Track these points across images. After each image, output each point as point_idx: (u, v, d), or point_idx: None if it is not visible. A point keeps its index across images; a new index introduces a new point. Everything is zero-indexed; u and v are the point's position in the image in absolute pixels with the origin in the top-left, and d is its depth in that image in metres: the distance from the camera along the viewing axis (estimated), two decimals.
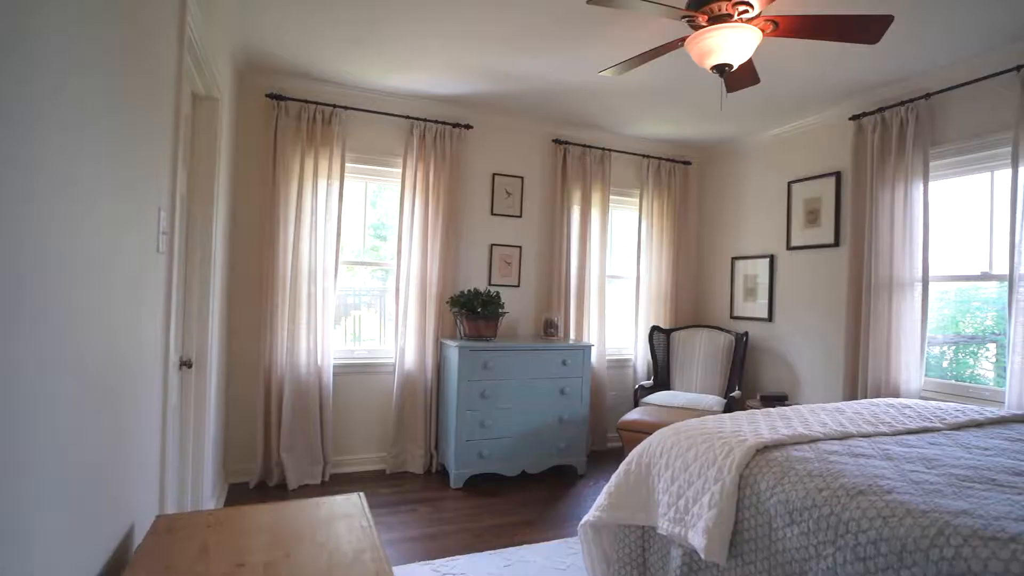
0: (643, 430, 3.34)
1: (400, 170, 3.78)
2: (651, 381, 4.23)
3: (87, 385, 1.03)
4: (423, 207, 3.77)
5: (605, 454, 4.25)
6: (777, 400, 3.75)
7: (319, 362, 3.49)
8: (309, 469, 3.46)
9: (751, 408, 3.81)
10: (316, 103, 3.47)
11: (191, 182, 2.29)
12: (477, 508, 3.16)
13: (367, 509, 1.54)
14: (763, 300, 4.16)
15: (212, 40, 2.24)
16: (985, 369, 3.15)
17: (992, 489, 1.42)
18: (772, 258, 4.12)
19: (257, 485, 3.37)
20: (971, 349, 3.23)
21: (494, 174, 4.09)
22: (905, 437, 1.94)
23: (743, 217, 4.43)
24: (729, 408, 3.68)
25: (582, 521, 2.12)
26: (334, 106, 3.51)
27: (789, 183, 3.99)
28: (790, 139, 4.04)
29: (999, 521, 1.21)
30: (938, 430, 2.06)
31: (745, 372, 4.26)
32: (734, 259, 4.46)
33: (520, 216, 4.17)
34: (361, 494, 1.64)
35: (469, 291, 3.65)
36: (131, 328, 1.32)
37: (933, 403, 2.49)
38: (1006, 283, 2.70)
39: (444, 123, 3.80)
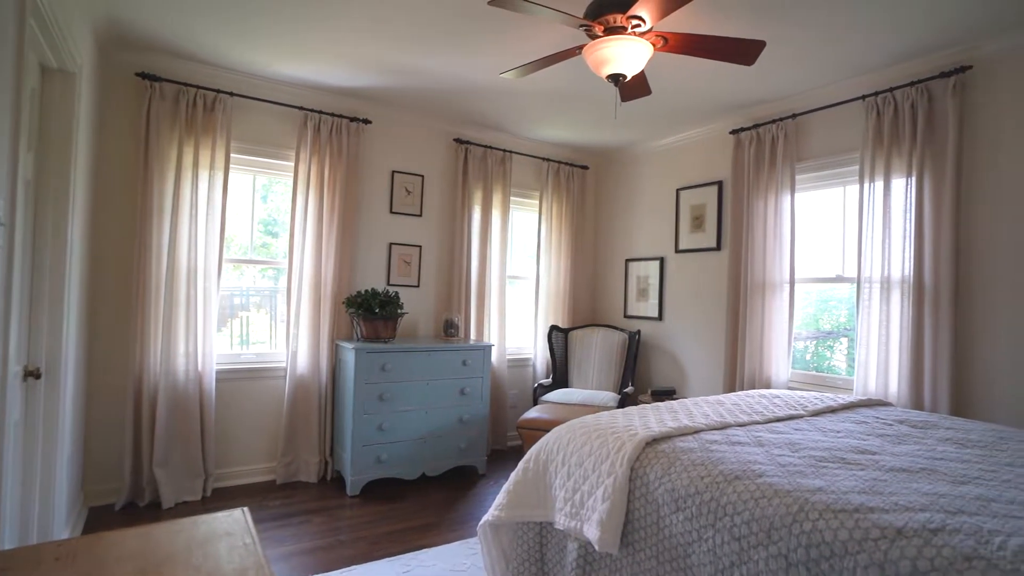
0: (542, 428, 3.41)
1: (293, 163, 3.57)
2: (550, 379, 4.33)
3: None
4: (318, 203, 3.59)
5: (506, 453, 4.29)
6: (666, 394, 3.98)
7: (200, 368, 3.21)
8: (187, 484, 3.17)
9: (643, 403, 4.03)
10: (197, 86, 3.19)
11: (40, 166, 2.02)
12: (375, 515, 3.06)
13: (252, 524, 1.43)
14: (654, 300, 4.41)
15: (65, 5, 1.99)
16: (839, 361, 3.55)
17: (842, 467, 1.59)
18: (662, 260, 4.37)
19: (125, 506, 3.04)
20: (828, 343, 3.62)
21: (393, 171, 3.99)
22: (774, 424, 2.12)
23: (636, 221, 4.66)
24: (623, 403, 3.86)
25: (481, 521, 2.12)
26: (218, 91, 3.25)
27: (678, 190, 4.25)
28: (679, 149, 4.31)
29: (847, 495, 1.35)
30: (801, 417, 2.28)
31: (638, 368, 4.49)
32: (628, 261, 4.68)
33: (420, 215, 4.11)
34: (245, 509, 1.52)
35: (366, 291, 3.53)
36: None
37: (798, 392, 2.76)
38: (855, 284, 3.06)
39: (341, 116, 3.65)
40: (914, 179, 2.82)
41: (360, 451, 3.32)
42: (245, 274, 3.73)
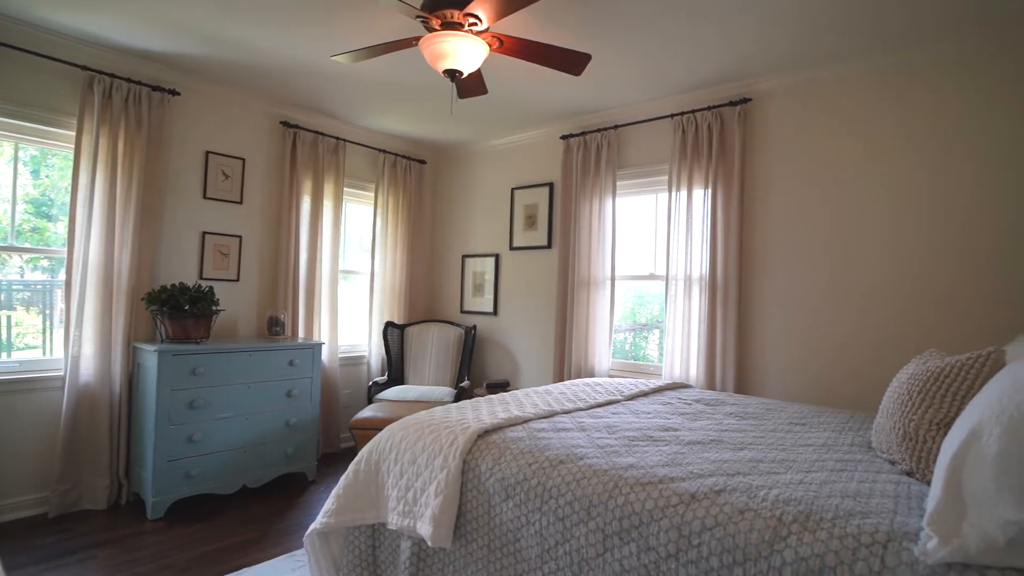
0: (376, 427, 3.31)
1: (74, 133, 3.00)
2: (385, 377, 4.22)
3: None
4: (109, 182, 3.07)
5: (338, 456, 4.09)
6: (500, 387, 4.11)
7: None
8: None
9: (478, 396, 4.11)
10: None
11: None
12: (184, 538, 2.71)
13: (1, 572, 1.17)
14: (489, 296, 4.52)
15: None
16: (652, 350, 3.97)
17: (651, 444, 1.77)
18: (497, 257, 4.50)
19: None
20: (644, 334, 4.03)
21: (208, 152, 3.56)
22: (596, 410, 2.29)
23: (473, 217, 4.74)
24: (459, 398, 3.90)
25: (308, 530, 1.98)
26: None
27: (512, 189, 4.41)
28: (514, 149, 4.47)
29: (653, 469, 1.51)
30: (619, 401, 2.49)
31: (473, 363, 4.58)
32: (464, 257, 4.74)
33: (240, 202, 3.72)
34: None
35: (173, 286, 3.11)
36: None
37: (617, 380, 3.02)
38: (664, 282, 3.44)
39: (141, 84, 3.15)
40: (710, 190, 3.25)
41: (164, 467, 2.91)
42: (7, 264, 3.06)
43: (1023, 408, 1.01)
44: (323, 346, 3.84)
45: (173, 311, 3.06)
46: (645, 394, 2.69)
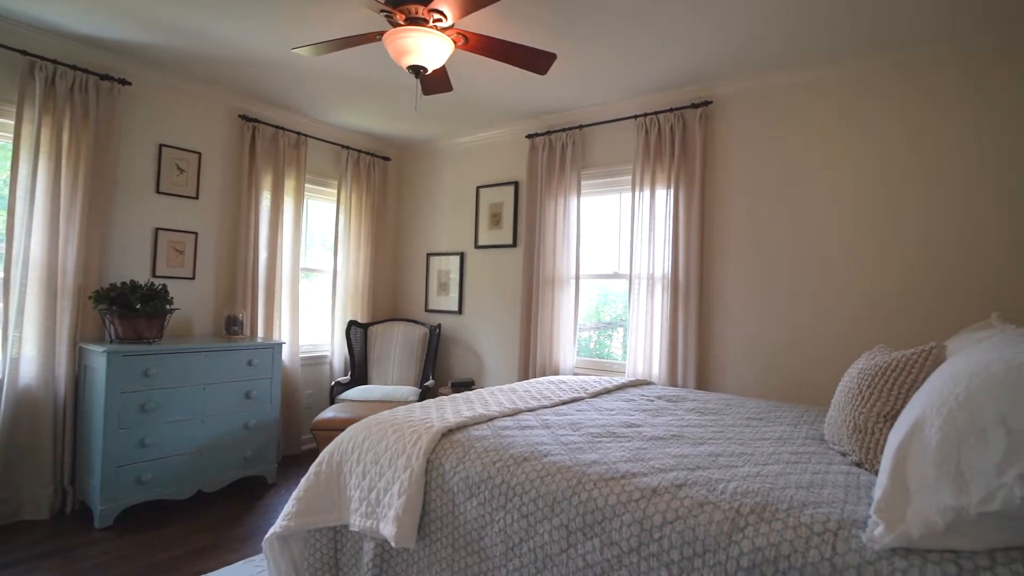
0: (338, 427, 3.26)
1: (12, 121, 2.84)
2: (348, 377, 4.15)
3: None
4: (53, 174, 2.92)
5: (299, 457, 4.01)
6: (465, 386, 4.09)
7: None
8: None
9: (442, 395, 4.08)
10: None
11: None
12: (134, 546, 2.60)
13: None
14: (454, 294, 4.50)
15: None
16: (616, 348, 4.02)
17: (614, 440, 1.80)
18: (462, 255, 4.49)
19: None
20: (608, 332, 4.08)
21: (162, 145, 3.43)
22: (560, 407, 2.31)
23: (438, 215, 4.71)
24: (423, 397, 3.86)
25: (268, 534, 1.93)
26: None
27: (478, 187, 4.40)
28: (480, 147, 4.46)
29: (616, 464, 1.53)
30: (583, 399, 2.52)
31: (438, 362, 4.55)
32: (429, 255, 4.71)
33: (196, 198, 3.60)
34: None
35: (123, 283, 2.98)
36: None
37: (581, 377, 3.05)
38: (628, 280, 3.49)
39: (88, 72, 3.01)
40: (672, 191, 3.31)
41: (113, 473, 2.79)
42: None
43: (960, 400, 1.07)
44: (283, 346, 3.76)
45: (123, 310, 2.94)
46: (608, 391, 2.72)
